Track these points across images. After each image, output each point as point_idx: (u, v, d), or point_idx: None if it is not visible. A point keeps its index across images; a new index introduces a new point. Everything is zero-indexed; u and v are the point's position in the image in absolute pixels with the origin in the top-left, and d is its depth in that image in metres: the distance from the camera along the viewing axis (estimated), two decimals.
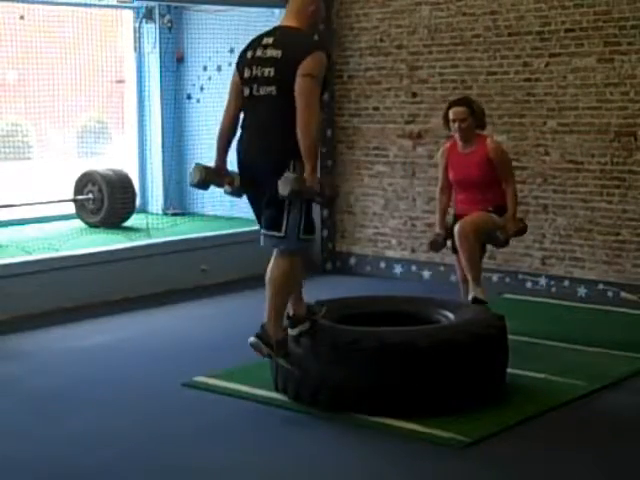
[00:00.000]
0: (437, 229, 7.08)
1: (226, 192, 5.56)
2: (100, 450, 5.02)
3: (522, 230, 7.02)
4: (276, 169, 5.05)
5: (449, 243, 6.95)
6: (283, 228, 5.13)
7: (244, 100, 5.31)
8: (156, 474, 4.77)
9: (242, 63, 5.34)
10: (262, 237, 5.27)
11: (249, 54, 5.30)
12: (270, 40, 5.22)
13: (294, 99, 5.03)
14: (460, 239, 6.61)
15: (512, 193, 6.79)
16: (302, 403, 5.52)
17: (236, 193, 5.53)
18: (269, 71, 5.13)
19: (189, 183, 5.62)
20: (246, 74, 5.27)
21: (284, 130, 5.06)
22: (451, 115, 6.71)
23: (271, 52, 5.16)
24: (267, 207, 5.17)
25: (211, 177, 5.48)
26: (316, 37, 5.37)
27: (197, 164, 5.55)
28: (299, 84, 5.00)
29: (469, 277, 6.66)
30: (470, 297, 6.58)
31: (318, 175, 5.16)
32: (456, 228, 6.66)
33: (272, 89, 5.12)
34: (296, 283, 5.35)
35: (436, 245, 7.05)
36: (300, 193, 4.99)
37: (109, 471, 4.77)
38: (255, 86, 5.21)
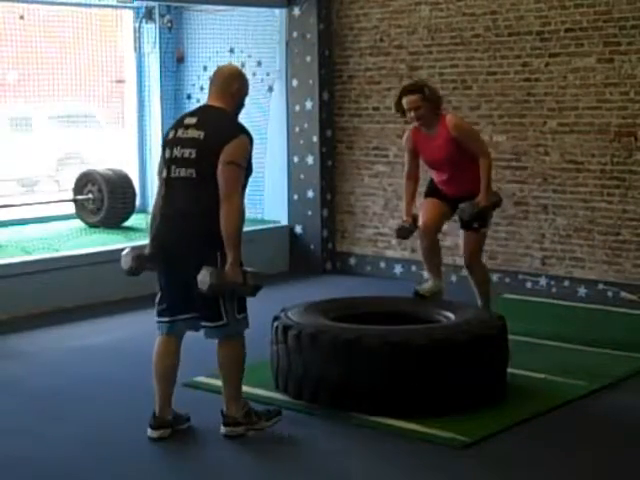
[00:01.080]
0: (404, 216, 6.87)
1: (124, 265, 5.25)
2: (100, 450, 5.02)
3: (496, 204, 6.75)
4: (199, 258, 4.86)
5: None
6: (224, 316, 4.98)
7: (163, 182, 5.10)
8: (156, 474, 4.78)
9: (165, 143, 5.15)
10: (205, 330, 5.08)
11: (171, 134, 5.09)
12: (193, 120, 5.03)
13: (214, 183, 4.83)
14: (421, 235, 6.67)
15: (484, 164, 6.47)
16: (302, 402, 5.52)
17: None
18: (190, 152, 4.93)
19: (122, 268, 5.24)
20: (167, 154, 5.07)
21: (205, 217, 4.88)
22: (405, 104, 6.47)
23: (192, 133, 4.96)
24: (198, 298, 4.93)
25: (142, 267, 5.20)
26: (239, 120, 5.10)
27: (132, 248, 5.27)
28: (222, 172, 4.82)
29: (425, 271, 6.83)
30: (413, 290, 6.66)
31: (241, 262, 4.93)
32: (420, 221, 6.62)
33: (192, 171, 4.92)
34: (244, 361, 5.16)
35: (403, 232, 6.89)
36: (220, 287, 4.81)
37: (109, 471, 4.77)
38: (173, 167, 5.00)
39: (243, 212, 4.92)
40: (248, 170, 4.98)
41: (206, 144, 4.90)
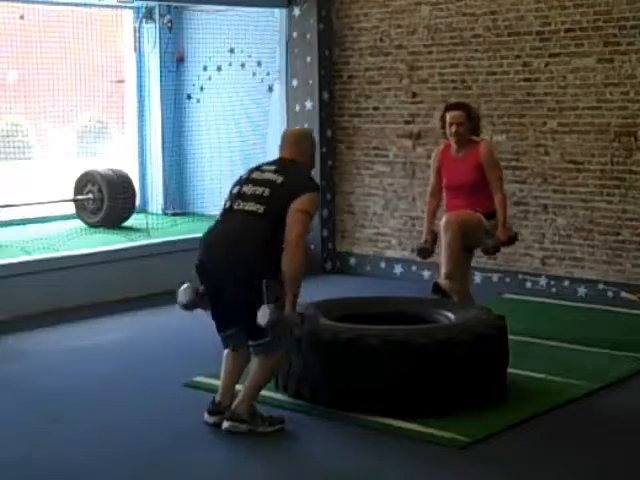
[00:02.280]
0: (424, 236, 7.01)
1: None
2: (100, 450, 5.02)
3: (513, 239, 6.92)
4: (245, 281, 5.03)
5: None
6: (266, 334, 5.09)
7: (221, 211, 5.31)
8: (156, 474, 4.77)
9: (235, 183, 5.35)
10: (251, 348, 5.19)
11: (244, 176, 5.34)
12: (272, 167, 5.29)
13: (276, 222, 5.03)
14: (443, 229, 6.59)
15: (500, 199, 6.66)
16: (302, 402, 5.53)
17: None
18: (263, 190, 5.14)
19: (178, 303, 5.37)
20: (234, 190, 5.28)
21: (260, 248, 5.03)
22: (448, 118, 6.69)
23: (270, 176, 5.20)
24: (241, 318, 5.12)
25: (200, 299, 5.33)
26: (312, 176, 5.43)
27: (190, 283, 5.36)
28: (295, 217, 5.04)
29: (442, 270, 6.61)
30: (433, 282, 6.58)
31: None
32: (442, 220, 6.65)
33: (260, 207, 5.10)
34: (275, 374, 5.46)
35: (424, 252, 7.01)
36: (279, 325, 5.01)
37: (109, 471, 4.77)
38: (239, 201, 5.19)
39: (305, 256, 5.13)
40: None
41: (283, 188, 5.13)
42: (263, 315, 4.98)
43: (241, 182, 5.32)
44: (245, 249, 5.06)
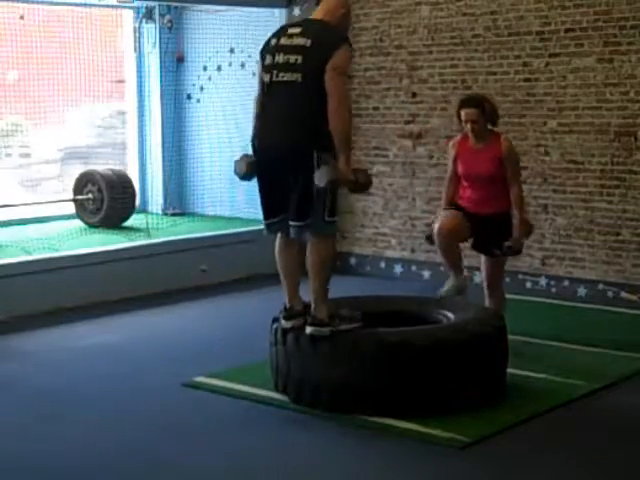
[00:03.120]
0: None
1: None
2: (100, 449, 5.02)
3: (530, 232, 6.86)
4: (298, 158, 5.09)
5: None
6: (310, 215, 5.21)
7: (263, 86, 5.30)
8: (156, 474, 4.77)
9: (265, 51, 5.33)
10: (291, 229, 5.32)
11: (273, 42, 5.30)
12: (297, 30, 5.25)
13: (318, 88, 5.06)
14: (436, 237, 6.56)
15: (518, 195, 6.59)
16: (302, 403, 5.52)
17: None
18: (296, 58, 5.14)
19: (235, 173, 5.53)
20: (267, 61, 5.27)
21: (308, 119, 5.10)
22: (462, 116, 6.59)
23: (298, 40, 5.18)
24: (292, 197, 5.21)
25: (255, 169, 5.44)
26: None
27: (244, 155, 5.50)
28: (331, 79, 5.05)
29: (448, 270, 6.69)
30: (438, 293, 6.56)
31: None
32: (435, 226, 6.59)
33: (297, 76, 5.13)
34: (333, 263, 5.45)
35: (433, 239, 6.79)
36: (337, 182, 5.11)
37: (109, 470, 4.77)
38: (276, 72, 5.20)
39: (351, 112, 5.19)
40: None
41: (314, 51, 5.11)
42: (321, 176, 5.03)
43: (271, 50, 5.27)
44: (294, 124, 5.12)
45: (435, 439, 5.06)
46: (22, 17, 9.89)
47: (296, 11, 9.54)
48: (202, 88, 10.84)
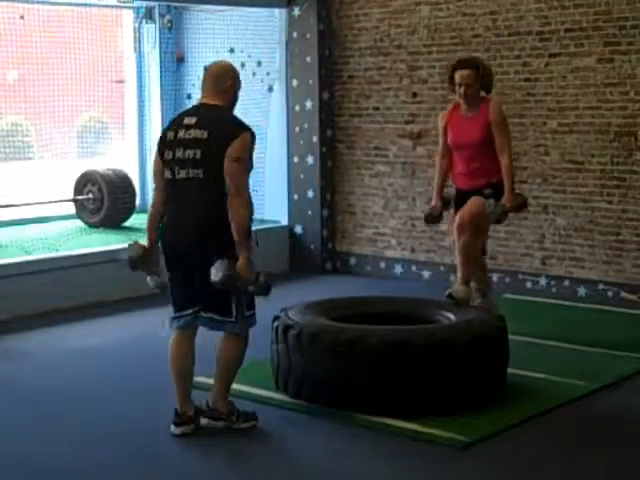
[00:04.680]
0: (433, 201, 6.78)
1: (149, 284, 5.37)
2: (100, 450, 5.02)
3: (522, 204, 6.62)
4: (203, 255, 4.95)
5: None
6: (233, 312, 5.05)
7: (166, 182, 5.14)
8: (156, 474, 4.77)
9: (163, 144, 5.13)
10: (204, 321, 5.14)
11: (170, 135, 5.11)
12: (193, 120, 5.05)
13: (219, 183, 4.91)
14: (456, 231, 6.39)
15: (506, 164, 6.33)
16: (302, 402, 5.53)
17: (160, 287, 5.33)
18: (194, 152, 4.98)
19: (128, 257, 5.38)
20: (168, 156, 5.08)
21: (210, 216, 4.96)
22: (457, 78, 6.33)
23: (195, 133, 5.00)
24: (208, 292, 5.00)
25: (142, 262, 5.32)
26: (236, 115, 5.19)
27: (135, 242, 5.39)
28: (230, 168, 4.89)
29: (458, 273, 6.44)
30: (446, 291, 6.31)
31: (254, 261, 5.00)
32: (455, 220, 6.43)
33: (199, 172, 4.97)
34: (242, 361, 5.27)
35: (432, 218, 6.77)
36: (233, 280, 4.86)
37: (109, 471, 4.77)
38: (177, 168, 5.04)
39: (252, 205, 4.99)
40: (250, 164, 5.05)
41: (210, 143, 4.96)
42: (216, 271, 4.84)
43: (170, 144, 5.07)
44: (201, 220, 4.97)
45: (435, 439, 5.06)
46: (22, 17, 9.90)
47: (296, 11, 9.54)
48: None
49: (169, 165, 5.09)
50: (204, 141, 4.97)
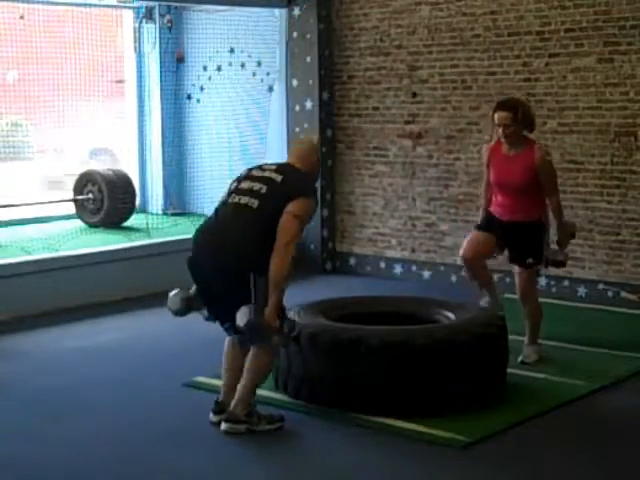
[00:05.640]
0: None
1: (203, 316, 5.39)
2: (100, 450, 5.02)
3: (573, 234, 6.76)
4: (234, 274, 5.00)
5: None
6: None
7: (216, 208, 5.25)
8: (156, 474, 4.77)
9: (233, 182, 5.31)
10: (239, 339, 5.22)
11: (243, 174, 5.30)
12: (273, 167, 5.26)
13: (269, 219, 4.98)
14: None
15: (557, 204, 6.47)
16: (302, 402, 5.53)
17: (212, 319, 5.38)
18: (260, 187, 5.09)
19: (168, 309, 5.43)
20: (232, 187, 5.24)
21: (253, 241, 5.00)
22: (495, 119, 6.35)
23: (270, 174, 5.15)
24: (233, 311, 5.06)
25: (191, 303, 5.34)
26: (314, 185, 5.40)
27: (179, 290, 5.39)
28: (287, 221, 4.97)
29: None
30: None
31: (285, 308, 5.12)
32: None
33: (254, 202, 5.05)
34: (268, 371, 5.35)
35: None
36: (257, 326, 4.93)
37: (109, 471, 4.78)
38: (234, 195, 5.16)
39: (292, 263, 5.03)
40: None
41: (281, 186, 5.08)
42: (242, 315, 4.92)
43: (240, 178, 5.27)
44: (235, 242, 5.03)
45: (435, 439, 5.07)
46: (22, 17, 9.90)
47: (296, 11, 9.54)
48: (202, 88, 10.85)
49: (229, 193, 5.20)
50: (275, 182, 5.11)
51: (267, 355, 5.20)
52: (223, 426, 5.17)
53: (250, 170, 5.31)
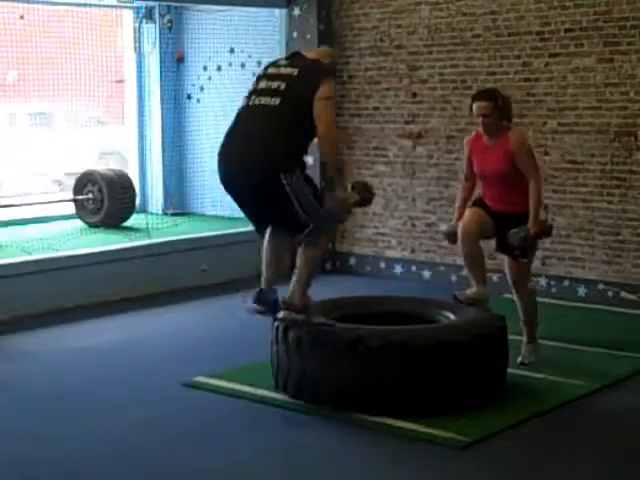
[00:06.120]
0: (454, 220, 6.58)
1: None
2: (100, 450, 5.02)
3: (546, 232, 6.51)
4: (266, 176, 5.12)
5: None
6: (301, 229, 5.29)
7: (238, 112, 5.40)
8: (156, 474, 4.77)
9: (252, 87, 5.43)
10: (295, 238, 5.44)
11: (260, 73, 5.43)
12: (286, 62, 5.39)
13: (294, 113, 5.15)
14: (460, 239, 6.26)
15: (533, 187, 6.19)
16: (302, 402, 5.53)
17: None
18: (278, 85, 5.22)
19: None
20: (252, 88, 5.38)
21: (277, 141, 5.12)
22: (474, 109, 6.30)
23: (285, 70, 5.29)
24: (273, 217, 5.30)
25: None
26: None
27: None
28: (322, 107, 5.15)
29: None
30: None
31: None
32: (460, 226, 6.30)
33: (275, 100, 5.19)
34: (322, 260, 5.60)
35: (452, 237, 6.55)
36: (334, 214, 5.32)
37: (109, 471, 4.77)
38: (254, 97, 5.29)
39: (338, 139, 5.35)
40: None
41: (298, 79, 5.22)
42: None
43: (257, 79, 5.38)
44: (260, 144, 5.16)
45: (435, 439, 5.06)
46: (22, 17, 9.89)
47: (296, 11, 9.53)
48: (202, 88, 10.84)
49: (249, 95, 5.37)
50: (292, 77, 5.26)
51: (319, 250, 5.41)
52: (281, 314, 5.39)
53: (266, 69, 5.42)
